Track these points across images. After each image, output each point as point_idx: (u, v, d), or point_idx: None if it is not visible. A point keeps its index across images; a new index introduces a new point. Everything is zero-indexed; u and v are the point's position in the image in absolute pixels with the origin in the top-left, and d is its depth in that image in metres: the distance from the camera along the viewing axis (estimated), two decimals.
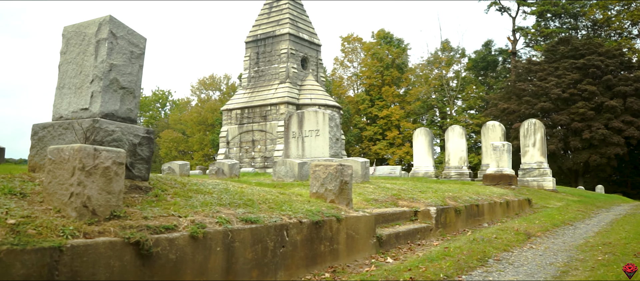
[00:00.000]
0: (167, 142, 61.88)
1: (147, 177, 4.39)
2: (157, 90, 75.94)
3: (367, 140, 51.53)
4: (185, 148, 62.15)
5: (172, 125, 66.48)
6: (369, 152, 50.94)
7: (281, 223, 4.52)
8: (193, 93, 68.74)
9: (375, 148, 49.75)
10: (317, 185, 6.00)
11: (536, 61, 41.68)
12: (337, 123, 12.72)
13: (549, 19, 45.53)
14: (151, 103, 75.78)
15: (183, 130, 63.88)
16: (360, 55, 56.74)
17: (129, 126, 4.22)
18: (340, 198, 5.90)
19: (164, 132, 64.06)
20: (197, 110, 62.48)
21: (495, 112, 40.06)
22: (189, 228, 3.65)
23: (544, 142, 18.30)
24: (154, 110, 76.35)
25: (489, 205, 9.72)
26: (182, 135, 63.24)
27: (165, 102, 77.22)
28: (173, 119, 67.51)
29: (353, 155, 52.23)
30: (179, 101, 73.94)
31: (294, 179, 9.49)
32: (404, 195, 8.08)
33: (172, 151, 61.52)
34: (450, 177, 19.33)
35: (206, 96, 67.26)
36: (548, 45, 41.37)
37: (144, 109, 75.04)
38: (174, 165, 12.60)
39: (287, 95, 27.16)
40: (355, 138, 52.09)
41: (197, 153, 58.82)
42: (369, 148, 50.78)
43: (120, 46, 4.23)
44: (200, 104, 64.22)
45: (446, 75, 50.35)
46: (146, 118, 74.46)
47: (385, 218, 6.79)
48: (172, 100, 76.85)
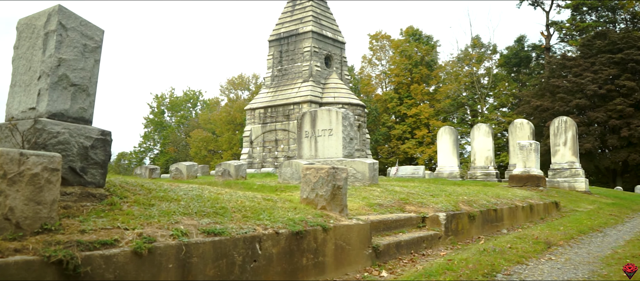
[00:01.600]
0: (196, 141, 62.32)
1: (103, 183, 3.98)
2: (188, 90, 76.65)
3: (395, 138, 50.66)
4: (215, 147, 62.48)
5: (202, 124, 66.96)
6: (397, 151, 50.08)
7: (253, 234, 4.04)
8: (222, 93, 69.10)
9: (404, 147, 48.85)
10: (308, 190, 5.50)
11: (571, 56, 40.07)
12: (351, 122, 12.17)
13: (584, 13, 43.71)
14: (182, 103, 76.57)
15: (213, 130, 64.24)
16: (388, 53, 55.88)
17: (80, 127, 3.81)
18: (333, 204, 5.38)
19: (194, 131, 64.58)
20: (226, 110, 62.70)
21: (528, 109, 38.74)
22: (132, 243, 3.20)
23: (575, 141, 17.31)
24: (185, 110, 77.12)
25: (509, 209, 9.03)
26: (211, 134, 63.62)
27: (196, 102, 77.88)
28: (203, 119, 67.97)
29: (381, 154, 51.43)
30: (209, 101, 74.45)
31: (299, 181, 9.00)
32: (412, 200, 7.50)
33: (202, 150, 61.95)
34: (476, 177, 18.52)
35: (235, 95, 67.48)
36: (584, 39, 39.70)
37: (175, 109, 76.02)
38: (181, 167, 12.29)
39: (310, 93, 26.71)
40: (383, 137, 51.30)
41: (226, 152, 59.03)
42: (398, 147, 49.89)
43: (70, 39, 3.83)
44: (230, 104, 64.42)
45: (477, 72, 49.02)
46: (177, 118, 75.34)
47: (387, 225, 6.24)
48: (203, 100, 77.46)
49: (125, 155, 77.80)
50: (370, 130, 51.50)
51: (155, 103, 74.75)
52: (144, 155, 76.03)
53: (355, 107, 27.34)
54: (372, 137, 51.21)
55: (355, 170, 8.36)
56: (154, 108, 74.67)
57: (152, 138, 76.02)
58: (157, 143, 76.04)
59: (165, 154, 69.41)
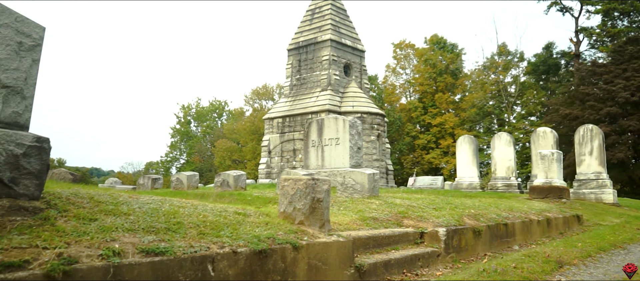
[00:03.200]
0: (221, 151, 62.59)
1: (38, 195, 3.61)
2: (214, 100, 77.31)
3: (420, 148, 49.79)
4: (239, 157, 62.58)
5: (226, 134, 67.23)
6: (421, 161, 49.19)
7: (205, 253, 3.60)
8: (246, 102, 69.38)
9: (428, 157, 47.94)
10: (285, 203, 5.05)
11: (601, 63, 38.69)
12: (359, 130, 11.67)
13: (615, 18, 42.24)
14: (208, 113, 77.21)
15: (237, 140, 64.41)
16: (412, 62, 55.14)
17: (11, 133, 3.45)
18: (312, 219, 4.92)
19: (219, 141, 64.91)
20: (250, 120, 62.82)
21: (556, 118, 37.52)
22: (46, 265, 2.80)
23: (602, 150, 16.40)
24: (211, 120, 77.70)
25: (522, 223, 8.38)
26: (236, 144, 63.77)
27: (222, 112, 78.42)
28: (227, 129, 68.29)
29: (406, 164, 50.52)
30: (234, 111, 74.85)
31: None
32: (411, 213, 6.97)
33: (226, 160, 62.12)
34: (496, 188, 17.73)
35: (259, 105, 67.60)
36: (615, 45, 38.30)
37: (201, 119, 76.72)
38: (182, 177, 11.99)
39: (328, 102, 26.29)
40: (407, 146, 50.47)
41: (250, 162, 58.99)
42: (422, 157, 49.01)
43: (2, 36, 3.48)
44: (254, 113, 64.54)
45: (503, 80, 47.84)
46: (203, 128, 75.92)
47: (378, 241, 5.73)
48: (229, 110, 77.94)
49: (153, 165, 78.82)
50: (394, 140, 50.74)
51: (181, 114, 75.63)
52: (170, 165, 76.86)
53: (374, 116, 26.79)
54: (396, 147, 50.43)
55: (354, 181, 7.88)
56: (181, 118, 75.54)
57: (179, 148, 76.82)
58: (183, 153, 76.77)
59: (191, 164, 69.92)
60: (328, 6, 28.99)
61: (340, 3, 30.10)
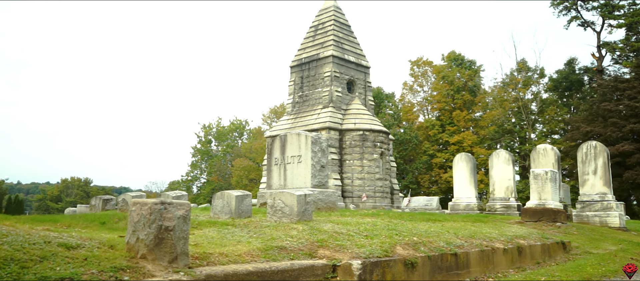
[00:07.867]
0: (239, 170, 62.39)
1: None
2: (234, 119, 77.59)
3: (437, 167, 48.31)
4: (256, 176, 62.11)
5: (245, 153, 66.98)
6: (439, 181, 47.68)
7: None
8: (264, 121, 69.14)
9: (446, 176, 46.38)
10: (130, 232, 4.22)
11: (624, 78, 36.88)
12: (323, 147, 10.78)
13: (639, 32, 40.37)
14: (228, 132, 77.40)
15: (255, 159, 64.04)
16: (430, 79, 53.91)
17: None
18: (158, 252, 4.07)
19: (237, 160, 64.75)
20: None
21: (577, 135, 35.79)
22: None
23: (607, 169, 15.04)
24: (231, 139, 77.85)
25: (479, 253, 7.31)
26: (254, 163, 63.38)
27: (242, 132, 78.57)
28: (245, 148, 68.12)
29: (423, 183, 49.02)
30: (253, 130, 74.83)
31: (231, 216, 7.69)
32: (332, 241, 6.03)
33: (243, 179, 61.74)
34: (495, 210, 16.50)
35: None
36: (638, 60, 36.51)
37: (221, 138, 76.86)
38: (127, 197, 11.28)
39: (329, 120, 25.45)
40: (424, 165, 49.03)
41: None
42: (440, 176, 47.50)
43: None
44: None
45: (524, 97, 46.14)
46: (223, 147, 76.03)
47: (266, 278, 4.82)
48: (249, 130, 78.01)
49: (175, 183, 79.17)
50: (411, 158, 49.42)
51: (202, 133, 76.03)
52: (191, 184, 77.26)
53: (377, 133, 25.81)
54: (413, 166, 49.05)
55: (283, 204, 6.99)
56: (201, 138, 75.88)
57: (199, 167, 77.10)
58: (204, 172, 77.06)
59: (211, 183, 69.93)
60: (331, 22, 28.32)
61: (344, 18, 29.40)
